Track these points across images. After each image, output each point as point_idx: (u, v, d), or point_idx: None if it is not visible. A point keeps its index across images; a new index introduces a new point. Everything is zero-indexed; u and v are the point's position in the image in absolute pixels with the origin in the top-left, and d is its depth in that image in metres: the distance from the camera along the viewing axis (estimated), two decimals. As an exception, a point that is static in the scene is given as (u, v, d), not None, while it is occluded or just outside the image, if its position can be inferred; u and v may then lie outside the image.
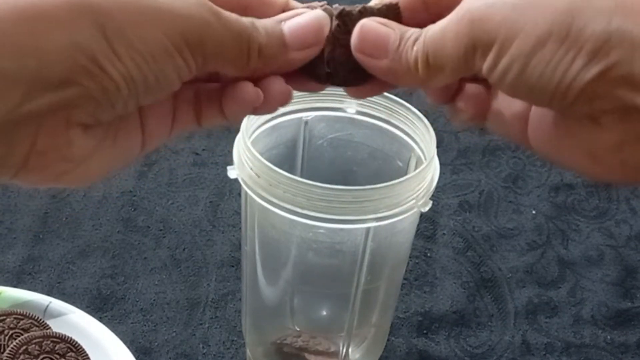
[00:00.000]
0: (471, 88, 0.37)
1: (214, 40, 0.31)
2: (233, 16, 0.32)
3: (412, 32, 0.33)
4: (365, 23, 0.34)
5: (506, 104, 0.36)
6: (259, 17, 0.33)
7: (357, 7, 0.35)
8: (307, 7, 0.35)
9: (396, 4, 0.35)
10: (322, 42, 0.34)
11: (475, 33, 0.30)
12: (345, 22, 0.34)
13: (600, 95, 0.29)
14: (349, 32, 0.34)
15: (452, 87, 0.37)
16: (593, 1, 0.28)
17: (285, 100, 0.35)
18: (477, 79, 0.35)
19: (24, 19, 0.27)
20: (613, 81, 0.29)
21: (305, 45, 0.34)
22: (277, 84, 0.34)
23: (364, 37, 0.33)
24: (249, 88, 0.34)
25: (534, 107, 0.35)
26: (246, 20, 0.32)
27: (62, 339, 0.49)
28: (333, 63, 0.35)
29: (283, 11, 0.35)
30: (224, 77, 0.35)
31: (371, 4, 0.35)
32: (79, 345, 0.49)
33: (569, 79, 0.29)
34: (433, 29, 0.32)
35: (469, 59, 0.31)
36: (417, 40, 0.33)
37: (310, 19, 0.34)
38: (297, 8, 0.35)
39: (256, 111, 0.35)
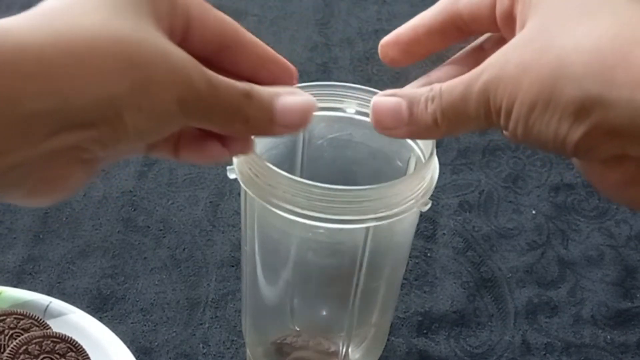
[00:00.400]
0: None
1: (204, 109, 0.33)
2: (226, 84, 0.33)
3: (420, 93, 0.36)
4: (376, 101, 0.37)
5: None
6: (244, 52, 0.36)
7: None
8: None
9: None
10: (306, 125, 0.36)
11: (490, 99, 0.34)
12: None
13: (592, 148, 0.32)
14: None
15: None
16: (567, 68, 0.31)
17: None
18: None
19: (69, 54, 0.28)
20: (600, 137, 0.31)
21: (291, 125, 0.36)
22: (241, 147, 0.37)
23: (378, 114, 0.37)
24: (214, 148, 0.37)
25: None
26: (242, 87, 0.34)
27: (63, 339, 0.49)
28: None
29: (265, 62, 0.37)
30: None
31: None
32: (79, 345, 0.49)
33: (561, 137, 0.32)
34: (450, 94, 0.35)
35: (489, 119, 0.34)
36: (429, 102, 0.36)
37: (302, 102, 0.36)
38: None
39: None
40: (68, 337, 0.49)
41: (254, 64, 0.37)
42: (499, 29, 0.38)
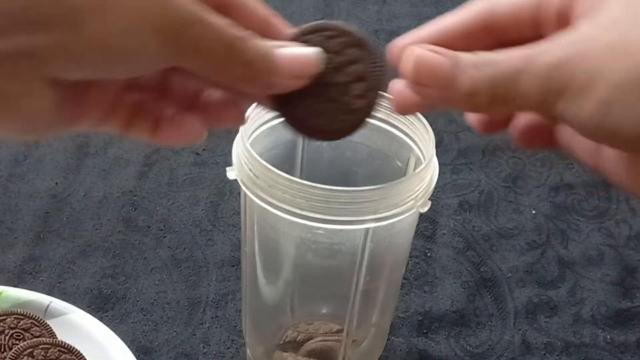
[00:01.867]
0: (522, 118, 0.37)
1: (194, 37, 0.30)
2: (222, 20, 0.31)
3: (467, 57, 0.32)
4: (420, 54, 0.33)
5: (577, 141, 0.36)
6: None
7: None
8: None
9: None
10: (309, 78, 0.34)
11: (561, 77, 0.30)
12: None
13: None
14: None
15: (500, 118, 0.37)
16: None
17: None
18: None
19: None
20: None
21: (290, 74, 0.33)
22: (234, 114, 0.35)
23: (419, 68, 0.33)
24: (194, 124, 0.35)
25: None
26: (241, 32, 0.32)
27: (69, 350, 0.49)
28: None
29: (262, 24, 0.35)
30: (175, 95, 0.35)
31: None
32: (84, 359, 0.49)
33: None
34: (505, 61, 0.32)
35: (545, 101, 0.31)
36: (475, 68, 0.32)
37: (304, 51, 0.34)
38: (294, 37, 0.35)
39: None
40: (75, 349, 0.49)
41: (255, 26, 0.34)
42: (541, 33, 0.34)
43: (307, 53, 0.34)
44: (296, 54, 0.34)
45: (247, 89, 0.34)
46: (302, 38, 0.35)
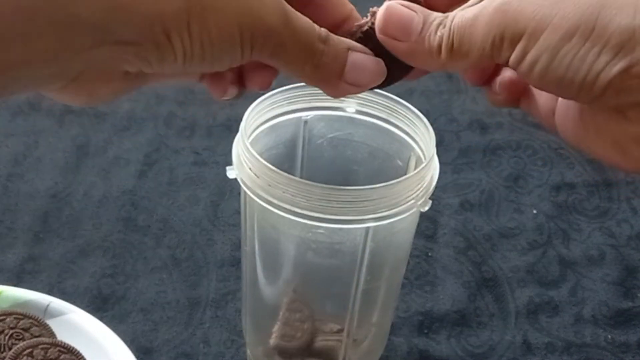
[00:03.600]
0: (507, 73, 0.37)
1: (277, 43, 0.32)
2: (305, 24, 0.32)
3: (436, 16, 0.34)
4: (390, 5, 0.34)
5: (536, 91, 0.36)
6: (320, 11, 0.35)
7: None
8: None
9: None
10: (367, 88, 0.36)
11: (508, 23, 0.31)
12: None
13: (625, 89, 0.30)
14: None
15: (489, 70, 0.38)
16: None
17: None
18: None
19: None
20: (638, 76, 0.29)
21: (355, 83, 0.35)
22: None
23: (387, 19, 0.34)
24: (230, 86, 0.37)
25: (560, 98, 0.35)
26: (320, 30, 0.33)
27: (69, 350, 0.49)
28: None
29: (344, 19, 0.37)
30: None
31: None
32: (84, 359, 0.49)
33: (594, 73, 0.29)
34: (462, 15, 0.33)
35: (496, 49, 0.32)
36: (440, 25, 0.33)
37: (373, 64, 0.35)
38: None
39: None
40: (76, 350, 0.49)
41: (335, 20, 0.36)
42: None
43: (375, 64, 0.35)
44: (366, 63, 0.35)
45: (312, 84, 0.36)
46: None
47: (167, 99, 0.78)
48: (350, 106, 0.49)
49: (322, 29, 0.34)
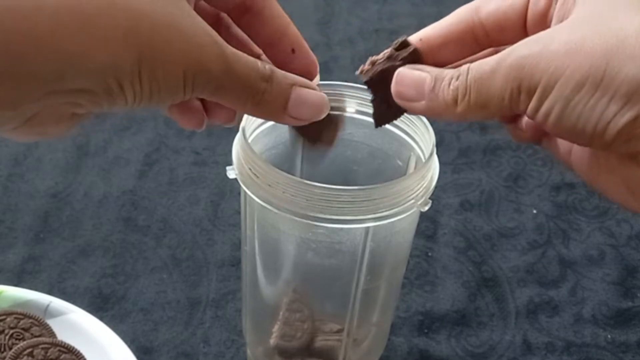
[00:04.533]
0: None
1: (216, 87, 0.33)
2: (246, 66, 0.33)
3: (447, 72, 0.35)
4: (401, 71, 0.37)
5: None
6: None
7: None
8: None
9: (414, 49, 0.38)
10: (307, 121, 0.37)
11: (524, 77, 0.32)
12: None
13: (635, 138, 0.31)
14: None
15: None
16: (627, 47, 0.30)
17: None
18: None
19: (76, 22, 0.28)
20: None
21: (299, 117, 0.36)
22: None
23: (400, 83, 0.36)
24: (197, 117, 0.38)
25: None
26: (263, 71, 0.34)
27: (69, 349, 0.49)
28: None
29: (281, 33, 0.38)
30: None
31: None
32: (84, 358, 0.49)
33: (604, 122, 0.31)
34: (479, 68, 0.34)
35: (514, 101, 0.33)
36: (453, 78, 0.34)
37: (316, 99, 0.37)
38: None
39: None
40: (75, 349, 0.49)
41: (272, 35, 0.38)
42: (527, 35, 0.36)
43: (319, 99, 0.37)
44: (310, 98, 0.36)
45: (257, 115, 0.37)
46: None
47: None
48: (350, 106, 0.49)
49: (267, 65, 0.35)
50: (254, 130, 0.47)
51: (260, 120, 0.47)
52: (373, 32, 0.89)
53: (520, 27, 0.36)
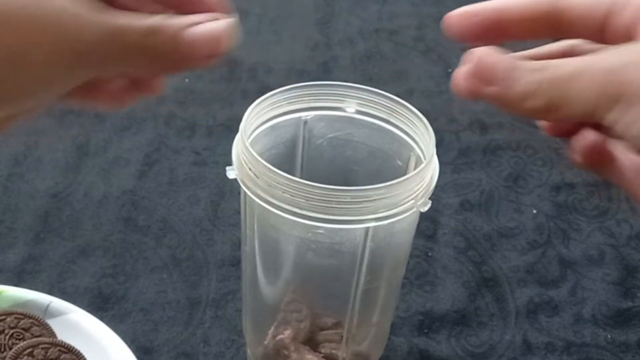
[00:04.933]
0: (588, 134, 0.37)
1: (101, 57, 0.31)
2: (124, 26, 0.31)
3: (526, 63, 0.33)
4: (482, 51, 0.34)
5: (628, 159, 0.36)
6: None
7: None
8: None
9: None
10: (223, 54, 0.34)
11: (616, 80, 0.30)
12: None
13: None
14: None
15: (568, 126, 0.37)
16: None
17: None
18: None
19: None
20: None
21: (202, 58, 0.34)
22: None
23: (482, 65, 0.34)
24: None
25: None
26: (145, 25, 0.32)
27: (69, 349, 0.49)
28: None
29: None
30: None
31: None
32: (84, 358, 0.49)
33: None
34: (562, 66, 0.32)
35: (598, 106, 0.31)
36: (534, 71, 0.32)
37: (211, 29, 0.33)
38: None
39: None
40: (75, 349, 0.49)
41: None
42: (604, 40, 0.35)
43: (217, 28, 0.34)
44: (206, 32, 0.33)
45: (164, 74, 0.35)
46: None
47: (168, 99, 0.78)
48: (350, 106, 0.49)
49: (152, 18, 0.32)
50: (254, 131, 0.47)
51: (260, 121, 0.47)
52: (373, 32, 0.89)
53: (599, 28, 0.35)
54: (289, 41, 0.86)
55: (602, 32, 0.35)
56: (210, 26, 0.33)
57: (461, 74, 0.35)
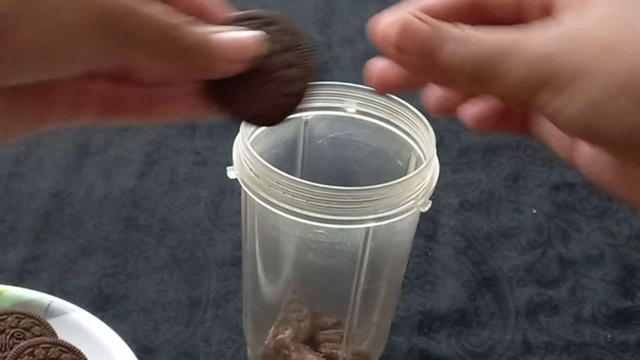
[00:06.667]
0: (481, 103, 0.37)
1: (128, 31, 0.29)
2: (158, 9, 0.30)
3: (451, 31, 0.32)
4: (407, 18, 0.32)
5: (552, 132, 0.36)
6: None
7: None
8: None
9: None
10: (248, 62, 0.34)
11: (548, 66, 0.30)
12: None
13: None
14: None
15: (453, 102, 0.37)
16: None
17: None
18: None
19: None
20: None
21: (232, 58, 0.33)
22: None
23: (403, 32, 0.32)
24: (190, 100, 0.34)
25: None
26: (178, 18, 0.31)
27: (70, 349, 0.49)
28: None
29: (197, 9, 0.34)
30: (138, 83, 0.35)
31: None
32: (85, 358, 0.49)
33: (637, 130, 0.29)
34: (487, 42, 0.31)
35: (526, 88, 0.30)
36: (460, 43, 0.31)
37: (243, 36, 0.33)
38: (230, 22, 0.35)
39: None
40: (76, 349, 0.49)
41: (190, 12, 0.33)
42: (521, 19, 0.34)
43: (246, 36, 0.33)
44: (235, 38, 0.33)
45: (187, 76, 0.33)
46: (237, 25, 0.35)
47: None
48: (350, 106, 0.49)
49: (176, 15, 0.31)
50: (254, 131, 0.47)
51: (260, 121, 0.47)
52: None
53: (514, 5, 0.34)
54: (289, 41, 0.86)
55: (520, 10, 0.34)
56: (241, 33, 0.33)
57: (381, 63, 0.34)
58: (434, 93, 0.37)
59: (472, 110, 0.37)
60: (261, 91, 0.35)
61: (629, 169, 0.32)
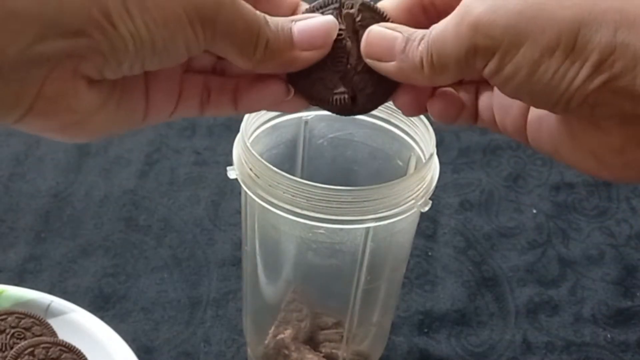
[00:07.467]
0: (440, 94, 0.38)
1: (225, 20, 0.31)
2: (247, 5, 0.33)
3: (419, 32, 0.34)
4: (373, 29, 0.35)
5: (502, 104, 0.37)
6: (270, 14, 0.35)
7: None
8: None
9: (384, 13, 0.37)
10: (329, 46, 0.35)
11: (478, 37, 0.31)
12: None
13: (602, 103, 0.30)
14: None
15: (422, 99, 0.38)
16: (598, 13, 0.29)
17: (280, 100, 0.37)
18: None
19: None
20: (615, 91, 0.30)
21: (312, 46, 0.35)
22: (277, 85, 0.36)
23: (371, 42, 0.35)
24: (280, 84, 0.36)
25: (532, 109, 0.35)
26: (260, 13, 0.33)
27: (70, 349, 0.49)
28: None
29: (293, 13, 0.37)
30: (229, 72, 0.37)
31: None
32: (85, 358, 0.49)
33: (573, 87, 0.30)
34: (436, 28, 0.33)
35: (470, 61, 0.32)
36: (422, 40, 0.34)
37: (320, 21, 0.35)
38: (305, 12, 0.37)
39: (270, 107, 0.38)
40: (76, 348, 0.49)
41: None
42: None
43: (322, 21, 0.35)
44: (312, 24, 0.35)
45: (271, 69, 0.35)
46: (312, 12, 0.37)
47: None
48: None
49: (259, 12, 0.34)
50: (254, 131, 0.47)
51: (261, 121, 0.47)
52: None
53: None
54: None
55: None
56: (317, 19, 0.35)
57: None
58: (404, 96, 0.38)
59: (436, 104, 0.39)
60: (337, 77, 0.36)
61: (568, 129, 0.34)
